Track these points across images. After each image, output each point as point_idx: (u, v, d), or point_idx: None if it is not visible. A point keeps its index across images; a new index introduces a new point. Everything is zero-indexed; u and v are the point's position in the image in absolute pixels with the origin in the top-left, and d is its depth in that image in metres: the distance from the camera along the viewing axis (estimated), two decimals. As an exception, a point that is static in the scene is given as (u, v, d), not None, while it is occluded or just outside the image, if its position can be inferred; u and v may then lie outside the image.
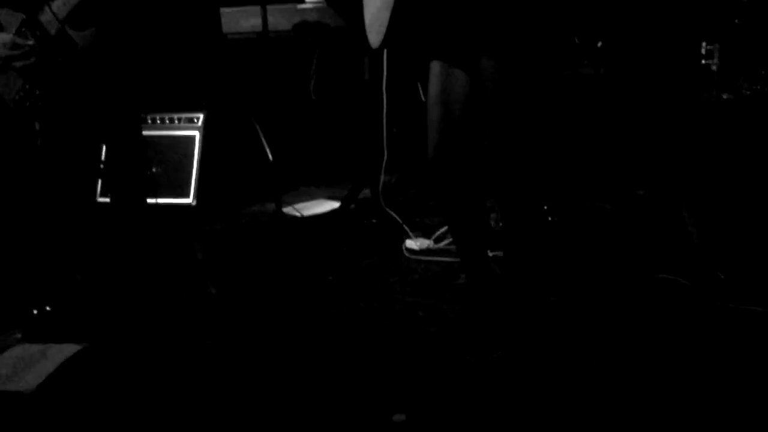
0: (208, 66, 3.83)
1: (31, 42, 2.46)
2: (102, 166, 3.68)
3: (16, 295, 2.56)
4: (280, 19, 3.33)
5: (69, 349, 2.24)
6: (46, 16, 2.47)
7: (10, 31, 2.45)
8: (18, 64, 2.45)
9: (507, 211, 2.18)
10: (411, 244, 3.15)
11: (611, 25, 3.38)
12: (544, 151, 3.26)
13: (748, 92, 2.93)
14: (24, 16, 2.47)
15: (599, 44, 3.33)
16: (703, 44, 3.12)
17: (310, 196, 4.07)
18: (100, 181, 3.66)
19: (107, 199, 3.64)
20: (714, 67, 3.09)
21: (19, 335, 2.42)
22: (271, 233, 3.45)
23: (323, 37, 3.41)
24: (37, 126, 2.55)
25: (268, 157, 3.73)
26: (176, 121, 3.72)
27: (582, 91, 3.38)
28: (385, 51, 3.01)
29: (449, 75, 2.10)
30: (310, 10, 3.33)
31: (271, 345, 2.37)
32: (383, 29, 2.08)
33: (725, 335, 2.28)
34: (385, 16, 2.07)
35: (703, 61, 3.11)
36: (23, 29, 2.46)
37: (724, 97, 3.00)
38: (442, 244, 3.11)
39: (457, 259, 2.68)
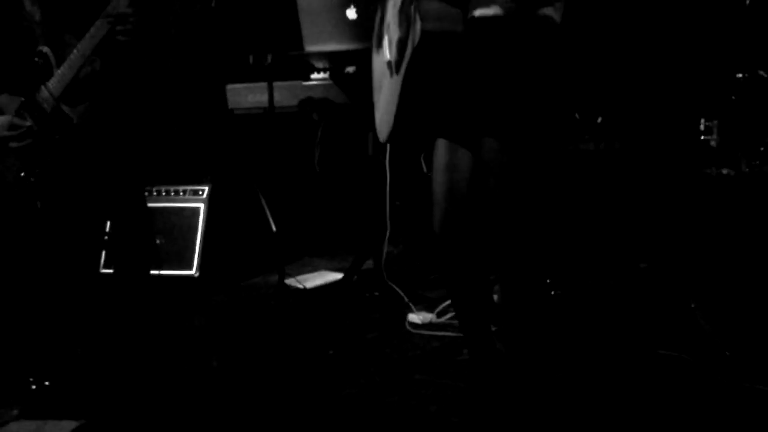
0: (214, 139, 3.89)
1: (28, 123, 2.51)
2: (106, 237, 3.69)
3: (15, 369, 2.54)
4: (286, 95, 3.40)
5: (66, 426, 2.21)
6: (42, 95, 2.53)
7: (9, 113, 2.51)
8: (14, 144, 2.50)
9: (510, 286, 2.18)
10: (413, 318, 3.13)
11: (611, 100, 3.44)
12: (546, 226, 3.28)
13: (747, 169, 2.96)
14: (23, 99, 2.53)
15: (599, 120, 3.37)
16: (702, 120, 3.17)
17: (314, 267, 4.08)
18: (103, 253, 3.67)
19: (110, 271, 3.65)
20: (713, 143, 3.13)
21: (16, 411, 2.39)
22: (274, 305, 3.45)
23: (328, 113, 3.47)
24: (38, 204, 2.57)
25: (271, 227, 3.75)
26: (181, 193, 3.76)
27: (583, 166, 3.41)
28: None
29: (454, 151, 2.13)
30: (316, 86, 3.40)
31: (271, 422, 2.34)
32: (391, 121, 2.11)
33: (731, 415, 2.24)
34: (393, 109, 2.09)
35: (702, 137, 3.15)
36: (22, 111, 2.52)
37: (724, 172, 3.03)
38: (444, 319, 3.10)
39: (460, 334, 2.67)
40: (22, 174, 2.51)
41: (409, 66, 1.97)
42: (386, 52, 2.19)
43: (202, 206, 3.72)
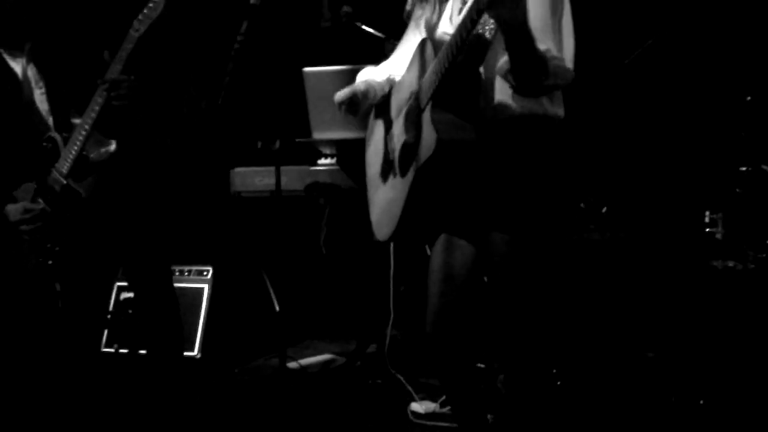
0: (220, 221, 3.92)
1: (41, 206, 2.56)
2: (109, 316, 3.68)
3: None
4: (293, 179, 3.44)
5: None
6: (52, 177, 2.61)
7: (26, 200, 2.57)
8: (25, 227, 2.54)
9: (514, 376, 2.15)
10: (416, 407, 3.09)
11: (616, 190, 3.46)
12: (552, 316, 3.26)
13: (753, 266, 2.95)
14: (35, 186, 2.59)
15: (604, 209, 3.39)
16: (707, 213, 3.17)
17: (316, 350, 4.04)
18: (106, 332, 3.65)
19: (111, 350, 3.63)
20: (719, 236, 3.13)
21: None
22: (274, 389, 3.40)
23: (334, 197, 3.50)
24: (57, 287, 2.60)
25: (275, 308, 3.73)
26: (186, 274, 3.76)
27: (588, 256, 3.41)
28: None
29: (452, 247, 2.13)
30: (323, 171, 3.44)
31: None
32: (393, 223, 2.11)
33: None
34: (396, 211, 2.10)
35: (708, 230, 3.15)
36: (36, 198, 2.58)
37: (731, 265, 3.01)
38: (447, 409, 3.04)
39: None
40: (41, 259, 2.55)
41: (419, 171, 1.98)
42: (387, 152, 2.22)
43: (206, 287, 3.71)
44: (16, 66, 2.64)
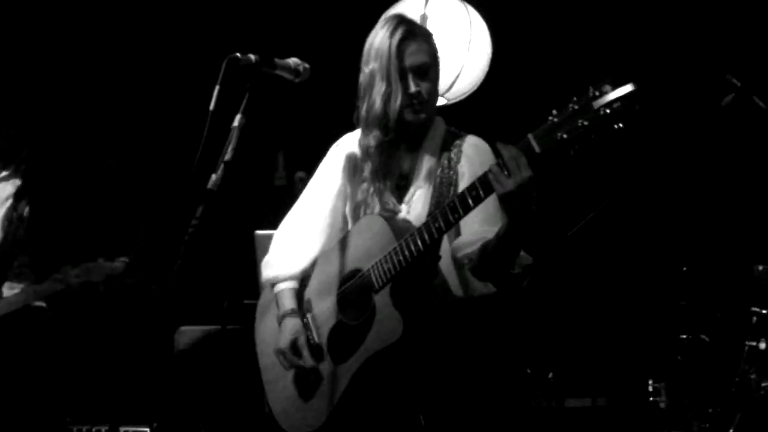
0: (162, 380, 3.81)
1: None
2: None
3: None
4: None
5: None
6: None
7: None
8: None
9: None
10: None
11: (563, 356, 3.48)
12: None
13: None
14: None
15: (551, 375, 3.40)
16: (650, 382, 3.20)
17: None
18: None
19: None
20: (662, 405, 3.15)
21: None
22: None
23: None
24: None
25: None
26: (121, 435, 3.60)
27: (535, 424, 3.39)
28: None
29: None
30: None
31: None
32: (322, 415, 1.96)
33: None
34: (325, 401, 1.96)
35: (651, 399, 3.17)
36: None
37: (676, 436, 3.02)
38: None
39: None
40: None
41: (373, 358, 1.88)
42: (312, 335, 2.03)
43: (141, 450, 3.55)
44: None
